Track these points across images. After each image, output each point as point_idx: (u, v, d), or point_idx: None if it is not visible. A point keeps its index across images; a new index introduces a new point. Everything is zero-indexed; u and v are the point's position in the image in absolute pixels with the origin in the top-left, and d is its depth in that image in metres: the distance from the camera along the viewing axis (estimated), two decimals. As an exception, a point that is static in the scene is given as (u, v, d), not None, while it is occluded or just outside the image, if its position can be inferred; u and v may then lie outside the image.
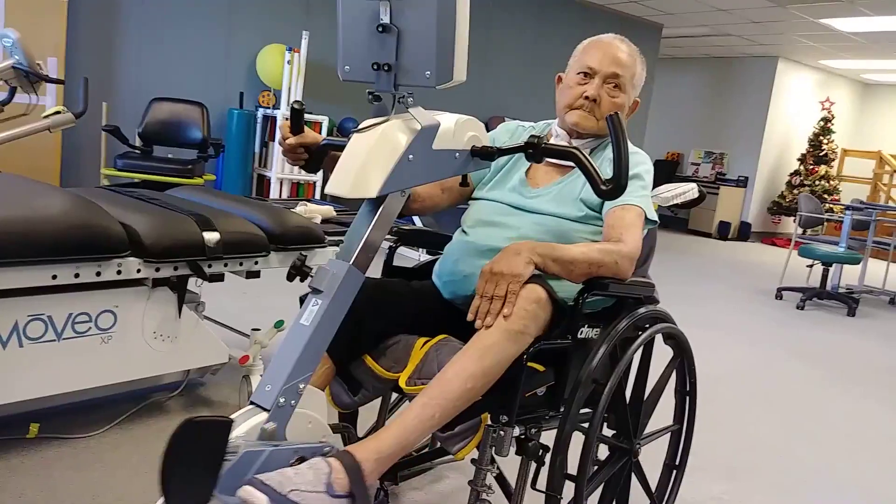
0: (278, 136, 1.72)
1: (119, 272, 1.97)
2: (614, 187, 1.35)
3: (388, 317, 1.65)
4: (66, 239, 1.83)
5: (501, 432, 1.46)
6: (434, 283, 1.80)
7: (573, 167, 1.75)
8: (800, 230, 6.95)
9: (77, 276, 1.88)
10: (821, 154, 10.96)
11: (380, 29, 1.27)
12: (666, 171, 11.77)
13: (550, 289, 1.48)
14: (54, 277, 1.84)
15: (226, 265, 2.20)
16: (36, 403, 2.06)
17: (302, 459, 1.25)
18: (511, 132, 1.90)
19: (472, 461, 1.52)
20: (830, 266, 6.23)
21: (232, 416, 1.22)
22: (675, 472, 2.00)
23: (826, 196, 10.58)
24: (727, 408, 3.30)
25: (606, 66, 1.73)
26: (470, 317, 1.44)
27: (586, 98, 1.73)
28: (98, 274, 1.92)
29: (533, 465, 1.59)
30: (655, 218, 1.74)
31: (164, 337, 2.22)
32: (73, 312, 1.99)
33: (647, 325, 1.72)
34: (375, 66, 1.30)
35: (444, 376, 1.38)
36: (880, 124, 12.33)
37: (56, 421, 2.27)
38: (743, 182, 11.27)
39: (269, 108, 6.33)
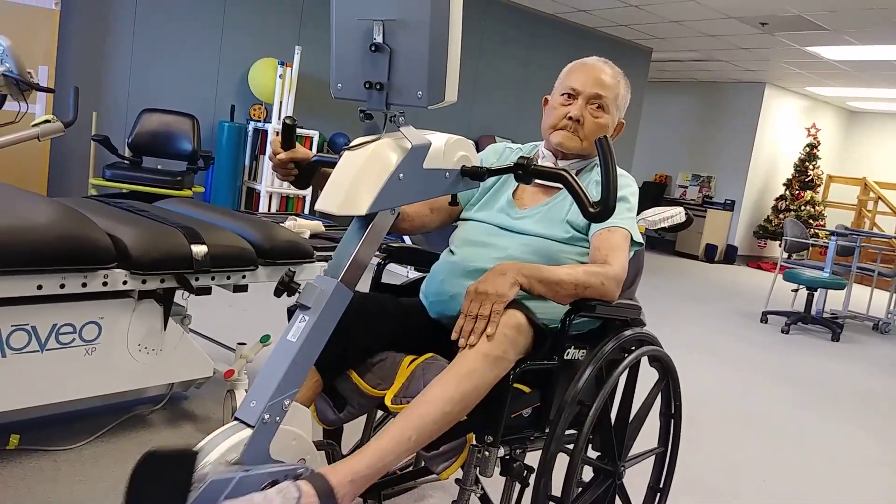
0: (269, 150, 1.72)
1: (105, 283, 1.95)
2: (602, 210, 1.36)
3: (375, 331, 1.65)
4: (52, 249, 1.82)
5: (486, 452, 1.46)
6: (422, 301, 1.81)
7: (560, 189, 1.76)
8: (785, 254, 7.01)
9: (63, 286, 1.87)
10: (806, 180, 11.07)
11: (373, 48, 1.28)
12: (653, 193, 11.85)
13: (530, 313, 1.48)
14: (39, 287, 1.83)
15: (213, 278, 2.19)
16: (17, 414, 2.03)
17: (274, 483, 1.22)
18: (498, 153, 1.91)
19: (457, 481, 1.52)
20: (815, 291, 6.28)
21: (213, 434, 1.21)
22: (658, 494, 2.00)
23: (811, 221, 10.67)
24: (710, 431, 3.30)
25: (589, 87, 1.76)
26: (454, 336, 1.44)
27: (570, 119, 1.75)
28: (84, 285, 1.91)
29: (517, 486, 1.59)
30: (641, 240, 1.76)
31: (149, 349, 2.20)
32: (57, 323, 1.97)
33: (634, 348, 1.73)
34: (368, 85, 1.31)
35: (423, 398, 1.38)
36: (865, 151, 12.49)
37: (37, 432, 2.24)
38: (730, 205, 11.36)
39: (259, 121, 6.33)
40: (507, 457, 1.53)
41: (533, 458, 1.52)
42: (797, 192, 11.08)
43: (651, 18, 8.00)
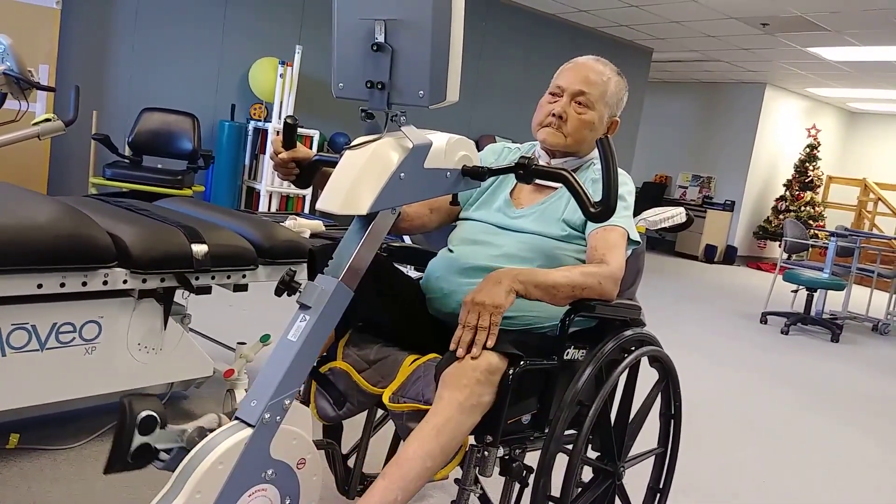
0: (269, 150, 1.73)
1: (105, 282, 1.95)
2: (604, 210, 1.36)
3: (382, 294, 1.66)
4: (52, 248, 1.81)
5: (485, 452, 1.46)
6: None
7: (556, 188, 1.77)
8: (785, 255, 7.00)
9: (63, 285, 1.87)
10: (806, 180, 11.08)
11: (374, 48, 1.28)
12: (653, 193, 11.85)
13: (502, 346, 1.45)
14: (40, 286, 1.83)
15: (213, 278, 2.19)
16: (17, 413, 2.03)
17: None
18: (497, 153, 1.91)
19: (456, 481, 1.52)
20: (815, 292, 6.28)
21: (213, 434, 1.21)
22: (658, 495, 2.00)
23: (811, 222, 10.68)
24: (709, 432, 3.30)
25: (574, 84, 1.76)
26: (452, 346, 1.44)
27: (553, 115, 1.75)
28: (84, 284, 1.91)
29: (516, 486, 1.58)
30: (638, 238, 1.76)
31: (149, 349, 2.20)
32: (57, 322, 1.97)
33: (633, 348, 1.73)
34: (369, 85, 1.30)
35: (404, 456, 1.37)
36: (865, 152, 12.49)
37: (36, 431, 2.24)
38: (730, 206, 11.36)
39: (260, 120, 6.33)
40: (507, 457, 1.53)
41: (532, 458, 1.52)
42: (797, 192, 11.09)
43: (652, 18, 8.00)
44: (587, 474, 1.77)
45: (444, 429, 1.37)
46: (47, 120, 3.06)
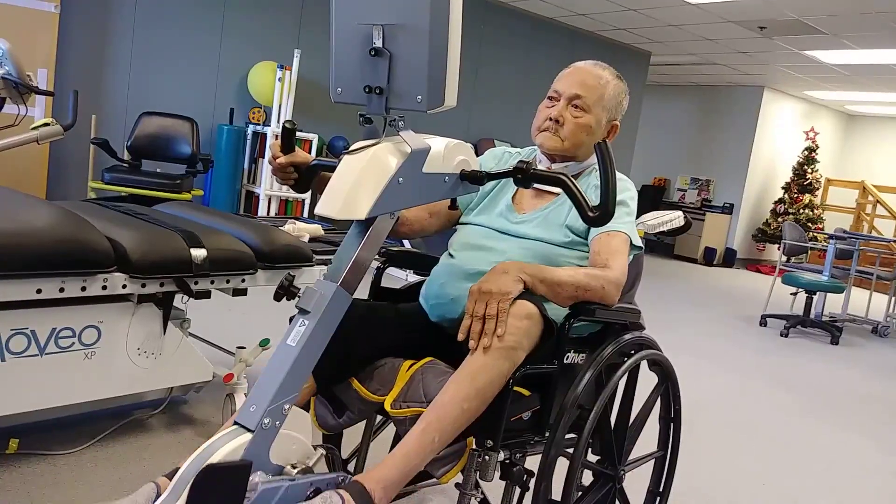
0: (268, 154, 1.73)
1: (104, 287, 1.95)
2: (602, 214, 1.36)
3: (376, 341, 1.65)
4: (51, 253, 1.81)
5: (486, 457, 1.46)
6: (421, 305, 1.81)
7: (558, 193, 1.77)
8: (784, 258, 7.00)
9: (62, 290, 1.87)
10: (805, 183, 11.08)
11: (372, 53, 1.28)
12: (652, 196, 11.86)
13: (540, 305, 1.48)
14: (39, 291, 1.83)
15: (212, 282, 2.19)
16: (17, 418, 2.03)
17: (318, 491, 1.27)
18: (498, 158, 1.91)
19: (457, 485, 1.52)
20: (814, 294, 6.28)
21: (213, 438, 1.21)
22: (658, 498, 2.00)
23: (810, 225, 10.68)
24: (709, 435, 3.30)
25: (570, 88, 1.76)
26: (461, 337, 1.44)
27: (550, 119, 1.76)
28: (83, 289, 1.91)
29: (517, 491, 1.58)
30: (640, 244, 1.76)
31: (148, 353, 2.20)
32: (56, 327, 1.97)
33: (633, 352, 1.73)
34: (367, 89, 1.31)
35: (441, 399, 1.38)
36: (864, 155, 12.51)
37: (36, 437, 2.24)
38: (728, 209, 11.37)
39: (259, 124, 6.33)
40: (507, 461, 1.53)
41: (533, 463, 1.52)
42: (796, 195, 11.10)
43: (650, 22, 8.01)
44: (587, 478, 1.76)
45: (479, 373, 1.39)
46: (46, 124, 3.06)
